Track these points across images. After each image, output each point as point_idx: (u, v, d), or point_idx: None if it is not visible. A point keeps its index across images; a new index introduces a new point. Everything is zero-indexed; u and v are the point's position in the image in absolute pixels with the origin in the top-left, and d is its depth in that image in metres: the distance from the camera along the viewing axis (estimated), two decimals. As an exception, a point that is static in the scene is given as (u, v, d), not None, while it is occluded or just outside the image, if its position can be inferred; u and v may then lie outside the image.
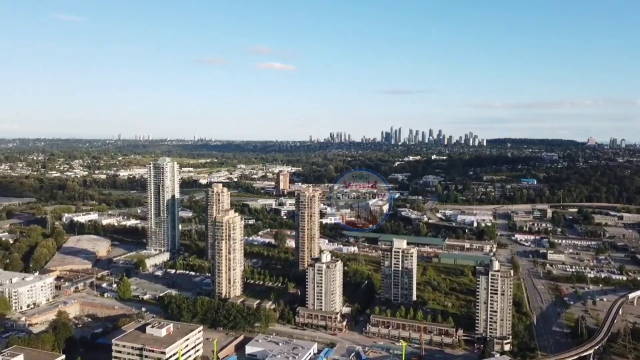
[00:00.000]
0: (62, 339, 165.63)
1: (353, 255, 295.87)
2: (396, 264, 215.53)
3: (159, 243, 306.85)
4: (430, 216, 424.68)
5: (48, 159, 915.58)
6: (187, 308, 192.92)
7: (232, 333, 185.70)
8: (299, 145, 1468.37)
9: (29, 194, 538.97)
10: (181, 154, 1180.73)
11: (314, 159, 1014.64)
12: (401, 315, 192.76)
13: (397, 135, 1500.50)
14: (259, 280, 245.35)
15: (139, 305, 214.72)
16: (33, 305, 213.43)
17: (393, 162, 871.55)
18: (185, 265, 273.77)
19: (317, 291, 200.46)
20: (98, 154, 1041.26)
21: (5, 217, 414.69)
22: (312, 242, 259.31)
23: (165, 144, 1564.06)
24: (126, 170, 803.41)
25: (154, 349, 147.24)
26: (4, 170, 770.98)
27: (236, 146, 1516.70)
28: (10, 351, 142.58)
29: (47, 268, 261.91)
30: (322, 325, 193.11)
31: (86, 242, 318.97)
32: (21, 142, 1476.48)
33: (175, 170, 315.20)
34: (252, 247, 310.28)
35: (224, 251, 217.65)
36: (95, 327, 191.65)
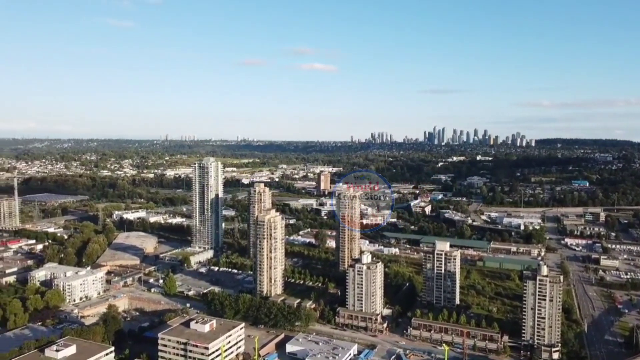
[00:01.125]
0: (112, 331, 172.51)
1: (394, 257, 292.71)
2: (439, 266, 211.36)
3: (203, 241, 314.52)
4: (474, 218, 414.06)
5: (100, 159, 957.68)
6: (229, 305, 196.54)
7: (273, 331, 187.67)
8: (340, 145, 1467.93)
9: (83, 191, 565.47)
10: (225, 154, 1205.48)
11: (355, 159, 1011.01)
12: (443, 318, 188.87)
13: (441, 136, 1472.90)
14: (299, 280, 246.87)
15: (183, 301, 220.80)
16: (85, 298, 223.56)
17: (436, 163, 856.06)
18: (228, 263, 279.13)
19: (358, 292, 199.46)
20: (146, 154, 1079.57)
21: (61, 214, 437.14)
22: (353, 243, 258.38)
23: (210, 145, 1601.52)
24: (172, 169, 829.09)
25: (197, 344, 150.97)
26: (59, 169, 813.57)
27: (278, 146, 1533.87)
28: (64, 341, 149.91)
29: (99, 263, 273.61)
30: (363, 327, 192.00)
31: (135, 239, 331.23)
32: (75, 142, 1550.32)
33: (219, 170, 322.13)
34: (293, 246, 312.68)
35: (265, 250, 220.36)
36: (142, 321, 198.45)
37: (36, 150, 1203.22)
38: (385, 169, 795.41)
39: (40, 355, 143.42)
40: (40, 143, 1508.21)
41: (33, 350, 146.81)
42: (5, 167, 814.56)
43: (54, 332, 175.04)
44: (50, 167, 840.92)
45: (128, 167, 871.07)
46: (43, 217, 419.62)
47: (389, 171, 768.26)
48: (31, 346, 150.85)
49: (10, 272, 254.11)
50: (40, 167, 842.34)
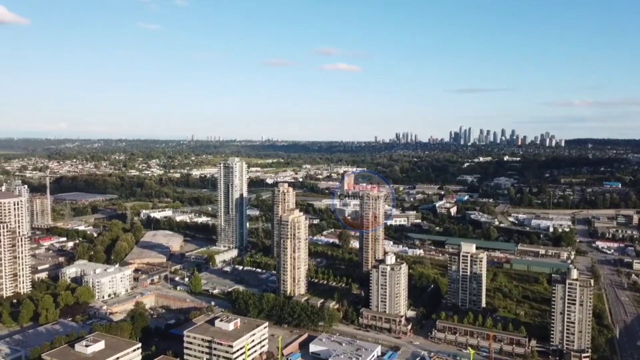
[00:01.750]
0: (139, 328, 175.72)
1: (418, 258, 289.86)
2: (464, 268, 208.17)
3: (228, 240, 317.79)
4: (501, 220, 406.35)
5: (128, 159, 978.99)
6: (253, 304, 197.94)
7: (297, 331, 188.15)
8: (364, 145, 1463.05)
9: (112, 190, 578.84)
10: (249, 154, 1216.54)
11: (379, 160, 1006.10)
12: (469, 321, 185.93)
13: (467, 136, 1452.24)
14: (322, 280, 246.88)
15: (208, 299, 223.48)
16: (113, 295, 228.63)
17: (462, 163, 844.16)
18: (252, 262, 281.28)
19: (381, 293, 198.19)
20: (173, 154, 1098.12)
21: (90, 212, 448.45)
22: (377, 244, 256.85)
23: (235, 145, 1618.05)
24: (198, 169, 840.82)
25: (222, 342, 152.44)
26: (89, 169, 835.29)
27: (302, 146, 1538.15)
28: (93, 337, 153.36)
29: (127, 261, 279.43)
30: (386, 328, 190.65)
31: (161, 237, 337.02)
32: (105, 142, 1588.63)
33: (243, 170, 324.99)
34: (317, 246, 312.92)
35: (289, 250, 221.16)
36: (168, 318, 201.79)
37: (67, 150, 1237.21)
38: (410, 169, 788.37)
39: (70, 350, 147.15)
40: (71, 143, 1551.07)
41: (64, 345, 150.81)
42: (38, 166, 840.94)
43: (84, 328, 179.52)
44: (81, 167, 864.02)
45: (155, 166, 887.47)
46: (74, 216, 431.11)
47: (413, 172, 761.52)
48: (62, 341, 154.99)
49: (42, 268, 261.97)
50: (72, 166, 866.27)
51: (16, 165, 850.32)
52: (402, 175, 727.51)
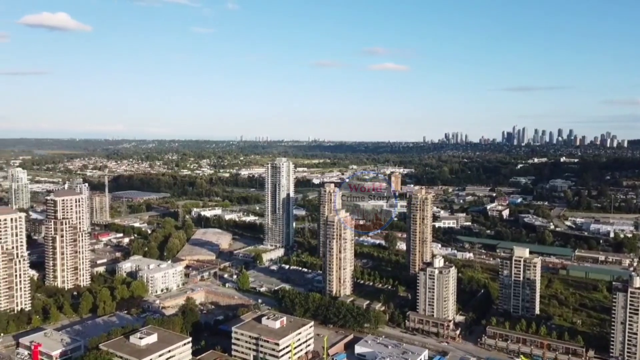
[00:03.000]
0: (190, 322, 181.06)
1: (468, 262, 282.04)
2: (517, 273, 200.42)
3: (275, 239, 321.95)
4: (557, 224, 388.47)
5: (181, 159, 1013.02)
6: (299, 303, 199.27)
7: (342, 331, 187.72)
8: (411, 146, 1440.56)
9: (165, 189, 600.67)
10: (296, 154, 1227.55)
11: (428, 160, 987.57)
12: (521, 329, 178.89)
13: (520, 136, 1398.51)
14: (368, 281, 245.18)
15: (255, 296, 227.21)
16: (166, 290, 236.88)
17: (515, 165, 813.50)
18: (298, 261, 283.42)
19: (429, 296, 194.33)
20: (223, 154, 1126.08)
21: (145, 210, 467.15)
22: (424, 246, 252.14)
23: (282, 145, 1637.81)
24: (247, 169, 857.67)
25: (268, 340, 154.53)
26: (144, 168, 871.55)
27: (348, 147, 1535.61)
28: (147, 330, 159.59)
29: (178, 257, 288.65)
30: (434, 332, 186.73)
31: (211, 235, 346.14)
32: (159, 143, 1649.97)
33: (290, 170, 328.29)
34: (363, 247, 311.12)
35: (335, 250, 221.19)
36: (217, 314, 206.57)
37: (124, 151, 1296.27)
38: (460, 170, 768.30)
39: (125, 341, 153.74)
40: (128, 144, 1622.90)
41: (119, 337, 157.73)
42: (97, 165, 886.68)
43: (138, 321, 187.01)
44: (137, 166, 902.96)
45: (206, 166, 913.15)
46: (130, 213, 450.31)
47: (463, 173, 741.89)
48: (118, 332, 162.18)
49: (100, 262, 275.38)
50: (128, 166, 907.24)
51: (78, 165, 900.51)
52: (452, 177, 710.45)
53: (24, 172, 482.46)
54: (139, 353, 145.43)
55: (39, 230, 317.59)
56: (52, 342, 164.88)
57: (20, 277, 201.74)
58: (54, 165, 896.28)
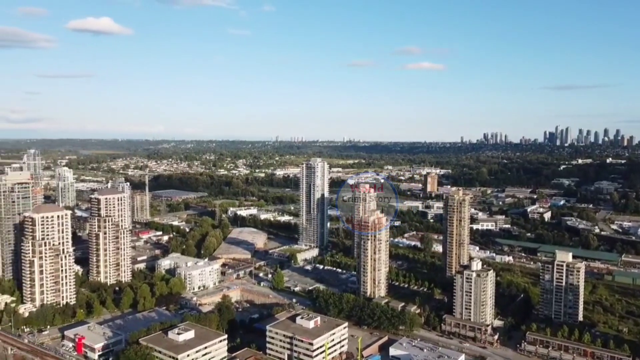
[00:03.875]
0: (225, 320, 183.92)
1: (507, 265, 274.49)
2: (559, 278, 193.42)
3: (309, 239, 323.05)
4: (602, 227, 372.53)
5: (218, 159, 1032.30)
6: (333, 303, 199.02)
7: (376, 333, 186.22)
8: (448, 146, 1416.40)
9: (202, 189, 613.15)
10: (331, 154, 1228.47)
11: (465, 161, 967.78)
12: (563, 335, 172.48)
13: (563, 136, 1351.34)
14: (403, 283, 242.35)
15: (290, 296, 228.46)
16: (203, 287, 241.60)
17: (557, 166, 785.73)
18: (333, 261, 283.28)
19: (466, 300, 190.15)
20: (258, 154, 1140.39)
21: (183, 209, 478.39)
22: (461, 248, 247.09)
23: (317, 145, 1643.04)
24: (282, 169, 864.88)
25: (303, 339, 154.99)
26: (183, 168, 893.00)
27: (383, 147, 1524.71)
28: (184, 326, 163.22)
29: (215, 255, 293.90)
30: (471, 337, 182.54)
31: (247, 234, 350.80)
32: (197, 143, 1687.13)
33: (325, 170, 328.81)
34: (397, 248, 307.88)
35: (369, 251, 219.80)
36: (252, 312, 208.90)
37: (164, 151, 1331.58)
38: (499, 171, 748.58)
39: (164, 336, 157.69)
40: (167, 144, 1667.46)
41: (158, 332, 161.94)
42: (139, 165, 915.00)
43: (176, 317, 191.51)
44: (176, 166, 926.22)
45: (242, 166, 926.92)
46: (169, 211, 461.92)
47: (502, 174, 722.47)
48: (157, 328, 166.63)
49: (141, 259, 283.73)
50: (167, 165, 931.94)
51: (120, 164, 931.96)
52: (490, 178, 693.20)
53: (70, 171, 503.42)
54: (176, 348, 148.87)
55: (83, 227, 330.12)
56: (95, 335, 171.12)
57: (66, 272, 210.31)
58: (98, 165, 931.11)
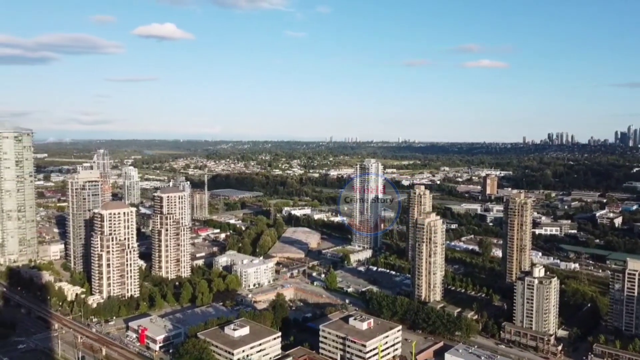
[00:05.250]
0: (279, 318, 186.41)
1: (573, 273, 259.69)
2: (630, 288, 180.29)
3: (363, 240, 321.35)
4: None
5: (273, 159, 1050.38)
6: (387, 306, 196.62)
7: (431, 338, 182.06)
8: (509, 147, 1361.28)
9: (258, 188, 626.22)
10: (385, 155, 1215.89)
11: (528, 163, 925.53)
12: (635, 349, 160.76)
13: (637, 136, 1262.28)
14: (460, 288, 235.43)
15: (342, 296, 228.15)
16: (257, 285, 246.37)
17: (630, 168, 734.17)
18: (386, 263, 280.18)
19: (527, 308, 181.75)
20: (312, 155, 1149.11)
21: (240, 207, 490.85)
22: (522, 254, 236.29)
23: (371, 146, 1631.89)
24: (336, 170, 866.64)
25: (355, 340, 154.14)
26: (240, 168, 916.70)
27: (440, 148, 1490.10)
28: (240, 322, 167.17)
29: (269, 254, 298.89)
30: (532, 346, 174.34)
31: (300, 234, 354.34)
32: (253, 144, 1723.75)
33: (379, 171, 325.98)
34: (454, 252, 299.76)
35: (424, 254, 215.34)
36: (305, 311, 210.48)
37: (222, 151, 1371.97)
38: (565, 173, 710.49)
39: (220, 331, 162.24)
40: (225, 144, 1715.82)
41: (215, 327, 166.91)
42: (198, 165, 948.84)
43: (232, 313, 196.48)
44: (233, 166, 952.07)
45: (296, 166, 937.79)
46: (226, 210, 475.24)
47: (568, 176, 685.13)
48: (214, 323, 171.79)
49: (199, 256, 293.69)
50: (225, 165, 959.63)
51: (181, 164, 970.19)
52: (555, 180, 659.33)
53: (135, 170, 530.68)
54: (232, 344, 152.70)
55: (147, 224, 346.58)
56: (156, 327, 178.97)
57: (131, 266, 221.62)
58: (160, 165, 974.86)
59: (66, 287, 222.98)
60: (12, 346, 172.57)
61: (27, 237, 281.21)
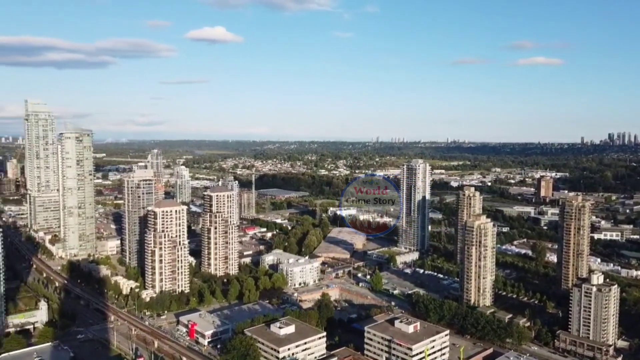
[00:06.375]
0: (324, 317, 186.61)
1: (635, 281, 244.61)
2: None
3: (409, 242, 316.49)
4: None
5: (319, 159, 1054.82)
6: (434, 309, 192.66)
7: (480, 344, 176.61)
8: (566, 147, 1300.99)
9: (304, 188, 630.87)
10: (433, 155, 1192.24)
11: (586, 164, 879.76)
12: None
13: None
14: (511, 293, 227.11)
15: (388, 298, 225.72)
16: (303, 284, 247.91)
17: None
18: (433, 266, 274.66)
19: (584, 316, 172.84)
20: (358, 155, 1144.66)
21: (286, 207, 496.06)
22: (579, 260, 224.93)
23: (419, 146, 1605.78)
24: (382, 170, 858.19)
25: (401, 343, 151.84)
26: (286, 168, 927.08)
27: (491, 148, 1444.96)
28: (286, 320, 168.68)
29: (315, 254, 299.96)
30: (589, 356, 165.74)
31: (346, 234, 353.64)
32: (299, 144, 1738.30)
33: (427, 171, 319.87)
34: (505, 256, 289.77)
35: (473, 257, 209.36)
36: (350, 312, 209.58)
37: (269, 151, 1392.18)
38: (626, 175, 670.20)
39: (266, 329, 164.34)
40: (272, 145, 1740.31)
41: (261, 324, 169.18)
42: (246, 165, 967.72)
43: (278, 311, 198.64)
44: (279, 166, 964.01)
45: (342, 167, 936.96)
46: (272, 209, 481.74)
47: (631, 178, 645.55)
48: (260, 320, 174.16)
49: (246, 254, 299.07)
50: (272, 165, 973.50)
51: (229, 164, 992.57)
52: (616, 183, 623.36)
53: (186, 170, 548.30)
54: (278, 341, 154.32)
55: (197, 221, 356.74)
56: (205, 322, 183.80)
57: (182, 262, 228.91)
58: (210, 164, 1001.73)
59: (121, 281, 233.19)
60: (72, 336, 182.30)
61: (86, 233, 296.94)
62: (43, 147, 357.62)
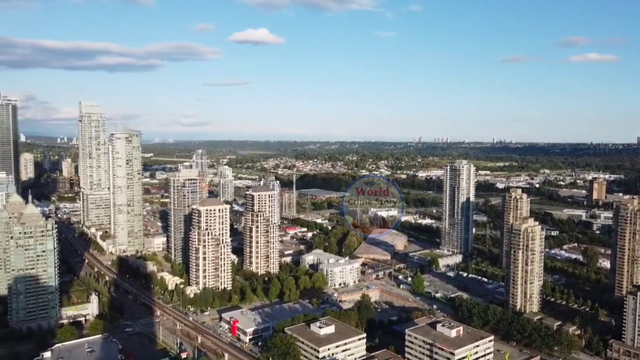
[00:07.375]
0: (364, 319, 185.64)
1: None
2: None
3: (452, 244, 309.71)
4: None
5: (360, 159, 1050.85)
6: (478, 314, 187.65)
7: (526, 351, 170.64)
8: (621, 148, 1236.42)
9: (344, 188, 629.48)
10: (478, 156, 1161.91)
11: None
12: None
13: None
14: (560, 300, 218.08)
15: (430, 301, 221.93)
16: (343, 285, 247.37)
17: None
18: (477, 270, 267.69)
19: (639, 325, 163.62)
20: (400, 156, 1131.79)
21: (326, 207, 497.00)
22: (635, 266, 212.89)
23: (463, 147, 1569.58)
24: (424, 171, 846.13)
25: (443, 348, 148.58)
26: (327, 168, 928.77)
27: (540, 149, 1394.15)
28: (326, 320, 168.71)
29: (355, 254, 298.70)
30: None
31: (387, 236, 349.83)
32: (340, 144, 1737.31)
33: (471, 173, 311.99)
34: (554, 261, 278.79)
35: (520, 262, 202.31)
36: (391, 314, 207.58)
37: (310, 151, 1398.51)
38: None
39: (306, 328, 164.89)
40: (313, 145, 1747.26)
41: (301, 323, 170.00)
42: (287, 165, 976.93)
43: (317, 311, 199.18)
44: (320, 166, 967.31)
45: (384, 167, 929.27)
46: (313, 209, 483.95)
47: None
48: (300, 319, 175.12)
49: (287, 253, 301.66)
50: (313, 165, 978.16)
51: (271, 164, 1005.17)
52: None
53: (229, 169, 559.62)
54: (317, 341, 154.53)
55: (239, 220, 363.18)
56: (247, 320, 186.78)
57: (224, 260, 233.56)
58: (252, 164, 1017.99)
59: (167, 277, 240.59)
60: (121, 329, 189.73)
61: (134, 230, 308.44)
62: (95, 147, 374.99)
